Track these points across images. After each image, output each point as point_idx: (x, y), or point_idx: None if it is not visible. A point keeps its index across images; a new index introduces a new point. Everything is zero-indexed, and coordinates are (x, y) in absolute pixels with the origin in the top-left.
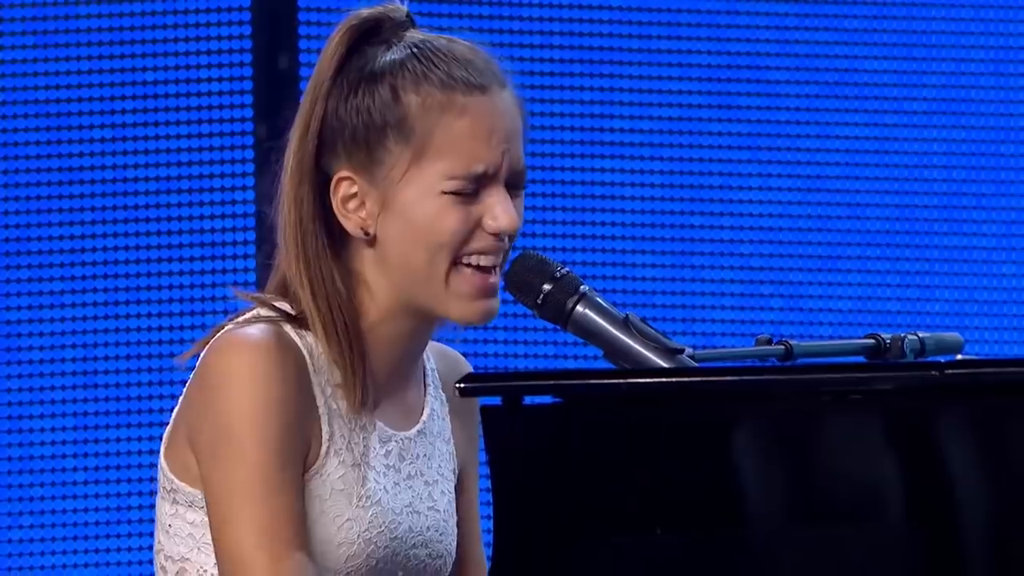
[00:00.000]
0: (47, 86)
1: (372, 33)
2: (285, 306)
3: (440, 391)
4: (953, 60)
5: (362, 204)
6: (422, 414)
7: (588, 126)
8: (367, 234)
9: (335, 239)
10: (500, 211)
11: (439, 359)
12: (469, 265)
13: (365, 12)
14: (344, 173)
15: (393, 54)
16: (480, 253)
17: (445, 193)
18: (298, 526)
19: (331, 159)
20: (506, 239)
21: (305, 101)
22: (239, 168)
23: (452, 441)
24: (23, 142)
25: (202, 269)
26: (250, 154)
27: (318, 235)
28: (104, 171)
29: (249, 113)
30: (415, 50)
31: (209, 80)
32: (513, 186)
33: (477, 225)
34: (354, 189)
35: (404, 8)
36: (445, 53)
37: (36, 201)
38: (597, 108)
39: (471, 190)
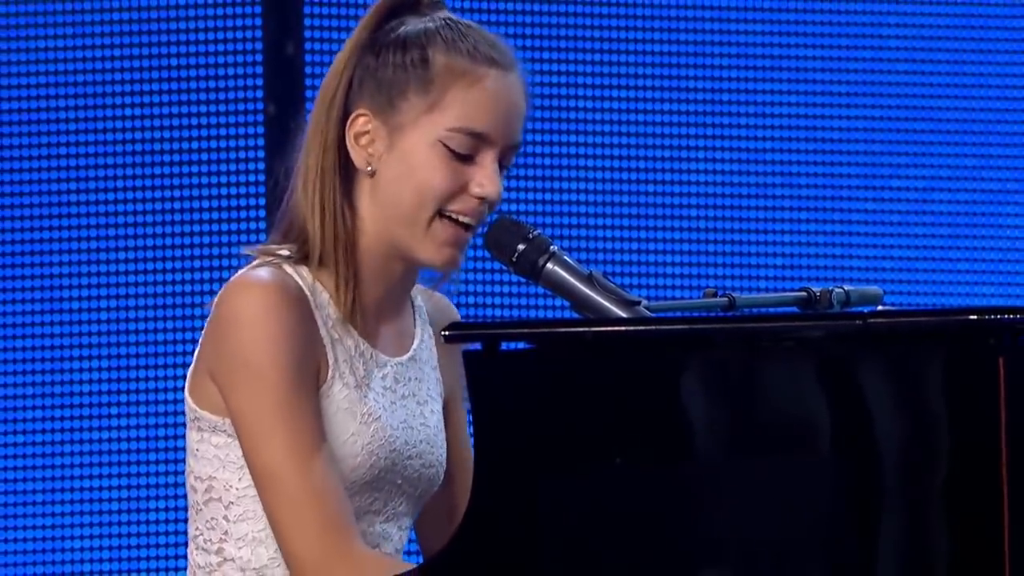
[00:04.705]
0: (84, 70)
1: (410, 6)
2: (285, 251)
3: (427, 325)
4: (872, 48)
5: (372, 141)
6: (413, 342)
7: (556, 105)
8: (370, 167)
9: (346, 173)
10: (487, 179)
11: (426, 298)
12: (450, 218)
13: None
14: (362, 111)
15: (428, 23)
16: (461, 213)
17: (443, 145)
18: (320, 438)
19: (354, 100)
20: (487, 206)
21: (341, 56)
22: (251, 142)
23: (438, 368)
24: (65, 119)
25: (219, 230)
26: (261, 130)
27: (334, 165)
28: (134, 144)
29: (260, 94)
30: (448, 22)
31: (224, 65)
32: (502, 161)
33: (464, 188)
34: (368, 127)
35: None
36: (474, 30)
37: (75, 171)
38: (563, 90)
39: (466, 150)
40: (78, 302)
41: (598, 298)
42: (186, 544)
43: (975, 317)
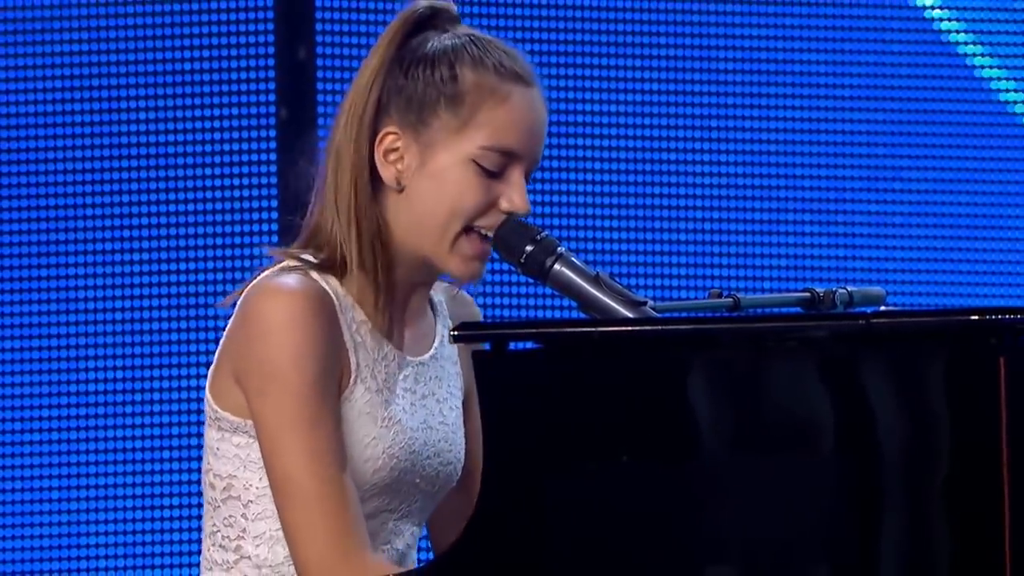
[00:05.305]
0: (98, 74)
1: (429, 22)
2: (309, 257)
3: (448, 321)
4: (875, 53)
5: (401, 158)
6: (434, 340)
7: (564, 109)
8: (399, 184)
9: (374, 188)
10: (517, 195)
11: (446, 295)
12: (478, 232)
13: (423, 4)
14: (391, 129)
15: (452, 39)
16: (488, 228)
17: (475, 163)
18: (339, 450)
19: (381, 117)
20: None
21: (364, 72)
22: (264, 145)
23: (459, 363)
24: (81, 123)
25: (232, 231)
26: (273, 133)
27: (367, 182)
28: (148, 147)
29: (272, 98)
30: (472, 38)
31: (237, 69)
32: (526, 174)
33: (493, 204)
34: (398, 144)
35: (453, 5)
36: (495, 45)
37: (94, 173)
38: (572, 94)
39: (496, 167)
40: (93, 302)
41: (605, 299)
42: (200, 540)
43: (976, 317)
